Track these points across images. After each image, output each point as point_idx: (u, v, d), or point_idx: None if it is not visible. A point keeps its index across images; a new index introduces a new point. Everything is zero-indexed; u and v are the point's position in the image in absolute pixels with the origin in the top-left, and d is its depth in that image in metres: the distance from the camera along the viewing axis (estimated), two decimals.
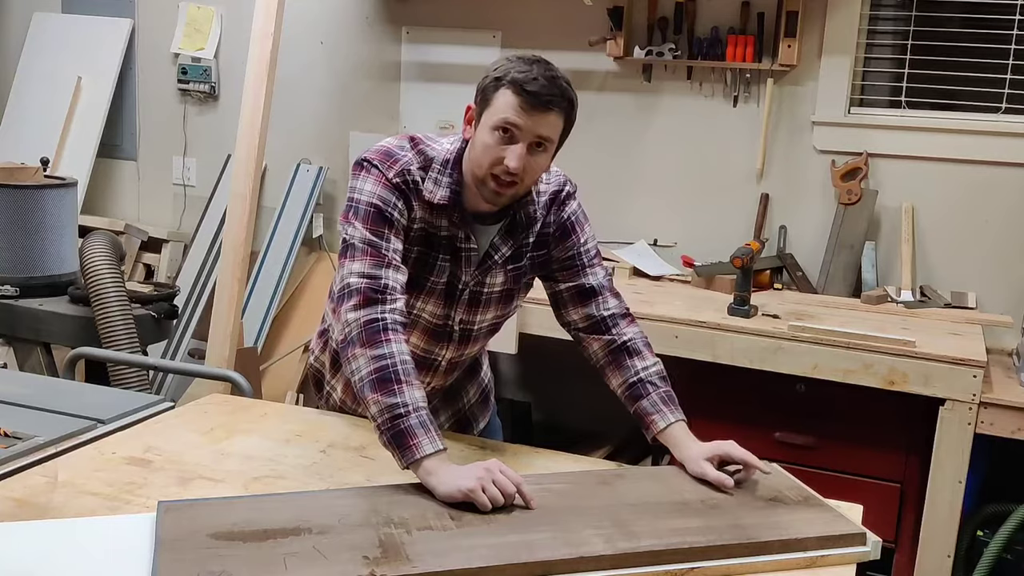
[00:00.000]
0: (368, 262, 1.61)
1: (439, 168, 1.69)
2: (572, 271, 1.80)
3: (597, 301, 1.79)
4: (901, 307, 3.09)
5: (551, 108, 1.59)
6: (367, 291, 1.58)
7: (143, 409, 1.88)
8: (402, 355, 1.54)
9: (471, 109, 1.68)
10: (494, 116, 1.60)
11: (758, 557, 1.39)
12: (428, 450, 1.48)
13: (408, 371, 1.53)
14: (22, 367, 3.10)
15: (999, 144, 3.13)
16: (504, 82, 1.59)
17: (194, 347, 3.88)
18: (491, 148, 1.61)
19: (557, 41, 3.52)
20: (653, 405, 1.70)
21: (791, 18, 3.21)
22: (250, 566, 1.25)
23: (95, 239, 3.14)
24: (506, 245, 1.75)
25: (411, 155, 1.68)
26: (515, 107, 1.58)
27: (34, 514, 1.42)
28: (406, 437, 1.48)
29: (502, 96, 1.59)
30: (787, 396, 2.77)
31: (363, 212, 1.64)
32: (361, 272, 1.60)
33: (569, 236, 1.79)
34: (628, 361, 1.75)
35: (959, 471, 2.58)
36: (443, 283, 1.74)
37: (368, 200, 1.64)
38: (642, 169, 3.49)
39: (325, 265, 3.99)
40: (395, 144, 1.70)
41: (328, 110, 3.98)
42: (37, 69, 4.31)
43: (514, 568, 1.30)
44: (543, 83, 1.57)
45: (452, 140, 1.73)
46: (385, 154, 1.68)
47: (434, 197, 1.68)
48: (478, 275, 1.75)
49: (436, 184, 1.68)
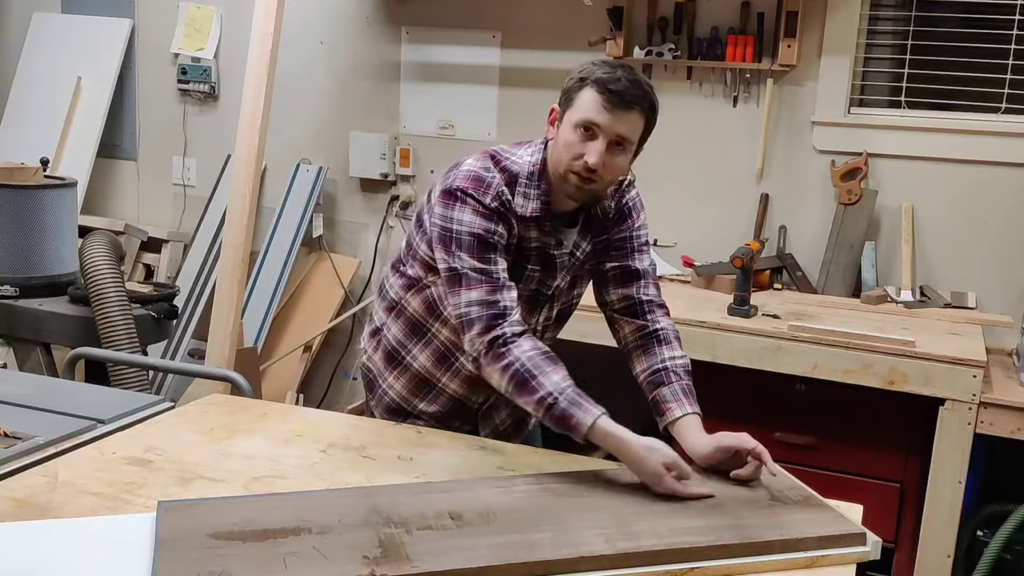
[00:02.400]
0: (484, 289, 1.67)
1: (526, 182, 1.73)
2: (621, 252, 1.85)
3: (639, 284, 1.84)
4: (901, 307, 3.09)
5: (632, 108, 1.64)
6: (488, 318, 1.65)
7: (143, 409, 1.88)
8: (525, 354, 1.62)
9: (555, 111, 1.73)
10: (576, 114, 1.66)
11: (758, 557, 1.39)
12: (588, 421, 1.57)
13: (537, 364, 1.61)
14: (22, 367, 3.10)
15: (999, 144, 3.13)
16: (588, 82, 1.65)
17: (194, 347, 3.88)
18: (572, 145, 1.66)
19: (557, 41, 3.52)
20: (673, 394, 1.74)
21: (791, 18, 3.21)
22: (250, 566, 1.25)
23: (95, 239, 3.14)
24: (585, 241, 1.81)
25: (498, 176, 1.72)
26: (597, 105, 1.63)
27: (34, 514, 1.42)
28: (567, 420, 1.58)
29: (585, 95, 1.65)
30: (787, 396, 2.77)
31: (467, 243, 1.68)
32: (480, 300, 1.66)
33: (625, 220, 1.85)
34: (656, 348, 1.80)
35: (959, 471, 2.58)
36: (530, 290, 1.79)
37: (470, 231, 1.68)
38: (642, 169, 3.47)
39: (325, 265, 4.00)
40: (480, 167, 1.73)
41: (328, 110, 3.98)
42: (37, 69, 4.31)
43: (514, 568, 1.30)
44: (626, 84, 1.63)
45: (531, 151, 1.77)
46: (476, 180, 1.71)
47: (526, 211, 1.72)
48: (567, 276, 1.82)
49: (526, 198, 1.72)
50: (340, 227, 4.04)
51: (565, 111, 1.69)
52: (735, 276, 2.94)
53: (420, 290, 1.83)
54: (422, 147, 3.84)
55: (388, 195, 3.93)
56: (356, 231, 4.03)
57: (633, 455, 1.56)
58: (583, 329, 1.91)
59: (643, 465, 1.55)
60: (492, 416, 1.93)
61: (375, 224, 3.97)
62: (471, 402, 1.90)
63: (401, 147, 3.87)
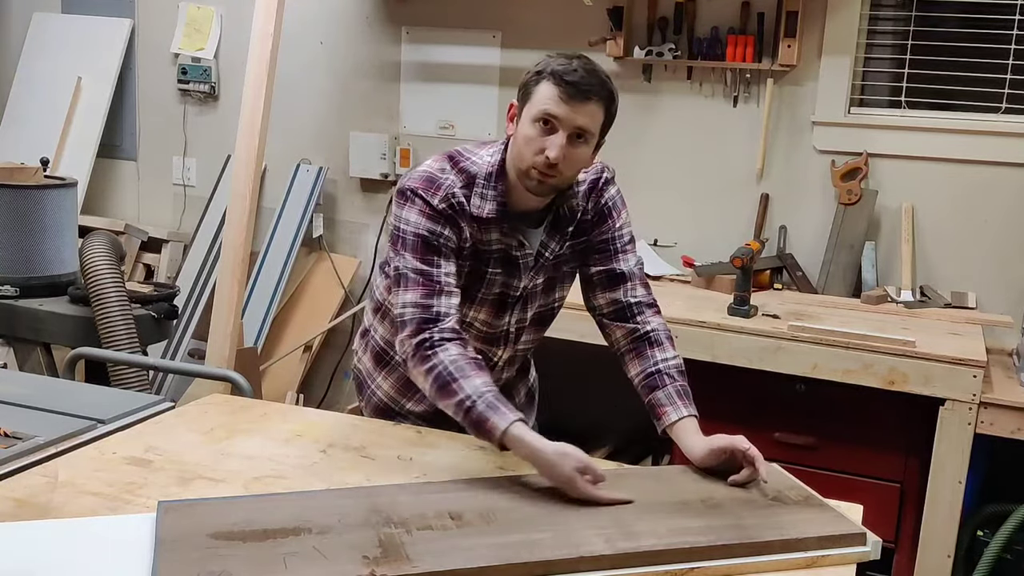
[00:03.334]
0: (420, 292, 1.65)
1: (483, 183, 1.71)
2: (605, 255, 1.82)
3: (626, 287, 1.82)
4: (901, 307, 3.09)
5: (590, 98, 1.62)
6: (419, 321, 1.64)
7: (143, 409, 1.88)
8: (450, 357, 1.60)
9: (513, 107, 1.71)
10: (534, 108, 1.64)
11: (758, 557, 1.39)
12: (502, 426, 1.54)
13: (460, 367, 1.59)
14: (22, 367, 3.10)
15: (999, 144, 3.13)
16: (544, 75, 1.63)
17: (194, 347, 3.88)
18: (532, 140, 1.64)
19: (557, 41, 3.52)
20: (668, 397, 1.72)
21: (791, 18, 3.21)
22: (250, 566, 1.25)
23: (95, 239, 3.14)
24: (554, 241, 1.79)
25: (453, 176, 1.70)
26: (554, 97, 1.61)
27: (34, 514, 1.42)
28: (483, 424, 1.56)
29: (542, 88, 1.63)
30: (787, 396, 2.77)
31: (411, 243, 1.67)
32: (414, 302, 1.65)
33: (605, 220, 1.83)
34: (648, 351, 1.78)
35: (959, 471, 2.58)
36: (495, 293, 1.78)
37: (415, 230, 1.67)
38: (642, 169, 3.48)
39: (325, 265, 4.00)
40: (436, 168, 1.72)
41: (328, 110, 3.98)
42: (37, 69, 4.31)
43: (514, 568, 1.30)
44: (582, 74, 1.61)
45: (492, 151, 1.75)
46: (427, 180, 1.70)
47: (482, 212, 1.70)
48: (534, 277, 1.79)
49: (483, 199, 1.71)
50: (340, 227, 4.04)
51: (523, 106, 1.66)
52: (735, 276, 2.94)
53: None
54: (422, 147, 3.84)
55: (388, 195, 3.93)
56: (356, 231, 4.03)
57: (545, 461, 1.53)
58: (583, 329, 1.90)
59: (555, 470, 1.52)
60: None
61: (375, 224, 3.97)
62: None
63: (401, 147, 3.87)
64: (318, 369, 4.04)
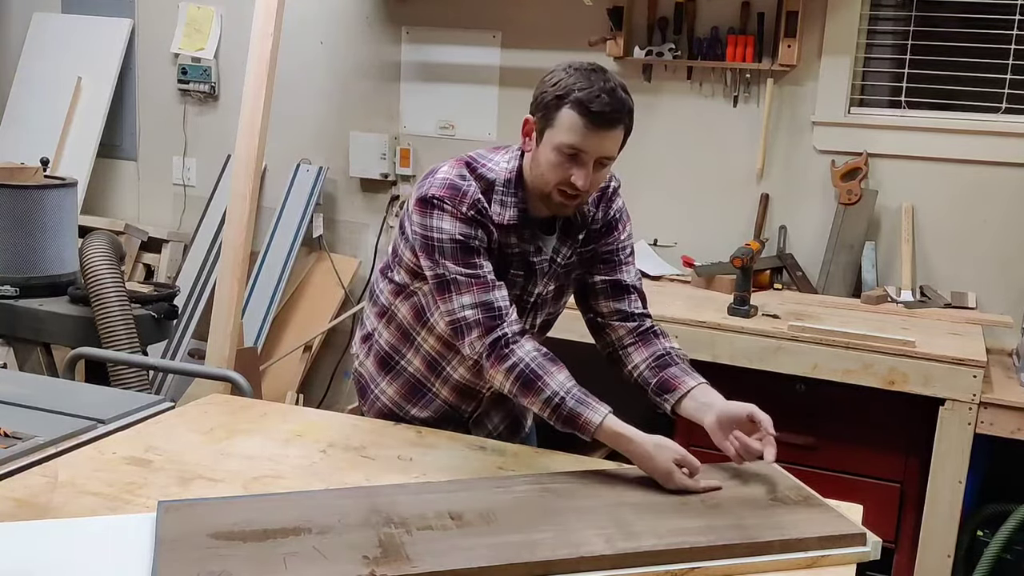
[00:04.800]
0: (475, 291, 1.66)
1: (502, 189, 1.72)
2: (610, 265, 1.84)
3: (630, 299, 1.84)
4: (901, 307, 3.09)
5: (616, 126, 1.62)
6: (486, 320, 1.65)
7: (143, 409, 1.88)
8: (529, 355, 1.63)
9: (529, 122, 1.69)
10: (558, 137, 1.62)
11: (758, 557, 1.39)
12: (596, 419, 1.58)
13: (541, 364, 1.62)
14: (22, 367, 3.10)
15: (999, 144, 3.13)
16: (567, 101, 1.60)
17: (194, 347, 3.88)
18: (556, 168, 1.64)
19: (557, 41, 3.52)
20: (682, 371, 1.76)
21: (791, 18, 3.21)
22: (250, 566, 1.25)
23: (95, 239, 3.14)
24: (565, 246, 1.79)
25: (474, 184, 1.70)
26: (579, 129, 1.60)
27: (34, 514, 1.42)
28: (575, 419, 1.59)
29: (566, 116, 1.61)
30: (787, 396, 2.77)
31: (449, 249, 1.67)
32: (473, 303, 1.66)
33: (612, 231, 1.84)
34: (656, 340, 1.81)
35: (959, 471, 2.58)
36: (514, 294, 1.77)
37: (451, 237, 1.67)
38: (642, 169, 3.48)
39: (325, 265, 4.00)
40: (455, 175, 1.71)
41: (328, 110, 3.98)
42: (37, 69, 4.31)
43: (514, 568, 1.30)
44: (606, 100, 1.59)
45: (507, 157, 1.75)
46: (452, 188, 1.69)
47: (503, 219, 1.71)
48: (548, 283, 1.80)
49: (503, 206, 1.71)
50: (340, 227, 4.04)
51: (544, 128, 1.64)
52: (735, 276, 2.94)
53: (408, 296, 1.82)
54: (422, 147, 3.84)
55: (388, 195, 3.93)
56: (356, 231, 4.03)
57: (643, 453, 1.56)
58: (583, 329, 1.90)
59: (653, 462, 1.55)
60: (484, 423, 1.94)
61: (375, 224, 3.97)
62: (461, 411, 1.90)
63: (401, 147, 3.87)
64: (318, 369, 4.04)
